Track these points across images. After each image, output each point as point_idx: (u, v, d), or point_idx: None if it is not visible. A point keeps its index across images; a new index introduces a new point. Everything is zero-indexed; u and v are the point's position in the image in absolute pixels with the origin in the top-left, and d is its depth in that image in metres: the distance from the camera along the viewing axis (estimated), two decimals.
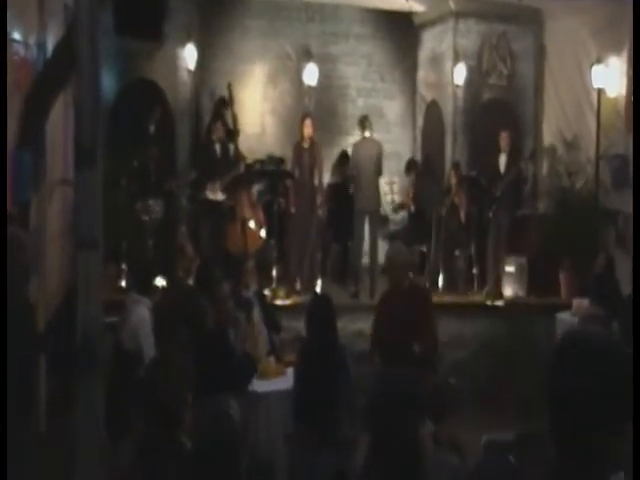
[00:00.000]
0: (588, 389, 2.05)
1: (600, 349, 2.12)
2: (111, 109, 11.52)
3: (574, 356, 2.12)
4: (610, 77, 12.32)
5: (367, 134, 12.62)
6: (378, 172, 12.41)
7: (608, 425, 2.04)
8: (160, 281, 8.24)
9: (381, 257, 12.46)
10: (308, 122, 11.93)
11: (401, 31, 15.70)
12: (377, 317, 8.05)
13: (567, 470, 2.10)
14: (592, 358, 2.10)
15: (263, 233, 11.87)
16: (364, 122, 12.68)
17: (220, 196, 11.90)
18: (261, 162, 13.40)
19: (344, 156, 13.61)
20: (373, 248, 12.34)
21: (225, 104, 12.56)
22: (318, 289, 11.63)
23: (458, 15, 14.19)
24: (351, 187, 12.67)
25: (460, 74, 14.01)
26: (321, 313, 6.55)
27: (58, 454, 4.85)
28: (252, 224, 11.62)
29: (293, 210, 12.09)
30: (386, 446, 3.34)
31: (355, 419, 5.66)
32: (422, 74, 15.64)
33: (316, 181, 12.04)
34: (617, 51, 12.14)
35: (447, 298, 12.15)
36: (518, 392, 8.88)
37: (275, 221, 11.94)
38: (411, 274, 8.36)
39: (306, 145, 11.95)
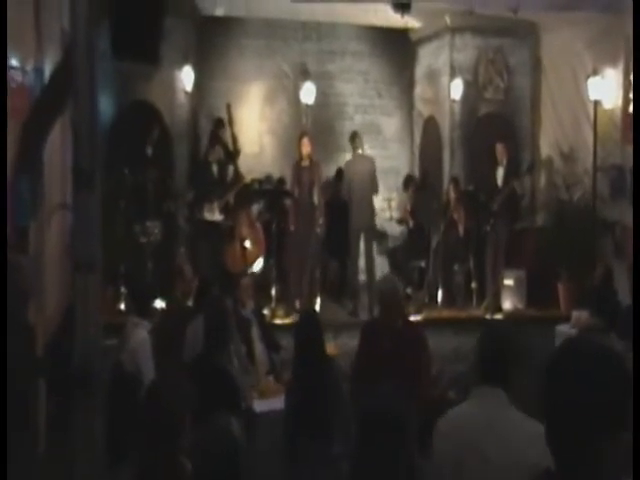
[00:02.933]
0: (587, 397, 2.07)
1: (599, 357, 2.14)
2: (109, 132, 11.57)
3: (573, 364, 2.13)
4: (606, 89, 12.35)
5: (359, 151, 12.65)
6: (373, 189, 12.43)
7: (608, 433, 2.06)
8: (159, 303, 8.29)
9: (379, 273, 12.53)
10: (306, 141, 11.96)
11: (397, 47, 15.80)
12: (360, 356, 7.03)
13: (567, 478, 2.12)
14: (591, 366, 2.11)
15: (260, 261, 11.84)
16: (354, 139, 12.70)
17: (218, 216, 11.94)
18: (259, 182, 13.44)
19: (339, 173, 13.65)
20: (370, 265, 12.37)
21: (222, 125, 12.59)
22: (317, 307, 11.64)
23: (454, 30, 14.27)
24: (346, 204, 12.70)
25: (457, 89, 14.08)
26: (307, 331, 6.50)
27: (58, 477, 4.88)
28: (250, 244, 11.63)
29: (292, 229, 12.11)
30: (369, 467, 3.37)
31: (349, 434, 5.64)
32: (419, 90, 15.71)
33: (315, 199, 12.05)
34: (613, 63, 12.18)
35: (446, 313, 12.23)
36: (519, 405, 8.88)
37: (274, 240, 11.97)
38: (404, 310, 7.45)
39: (305, 164, 11.97)
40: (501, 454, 3.80)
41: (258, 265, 11.82)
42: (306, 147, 11.94)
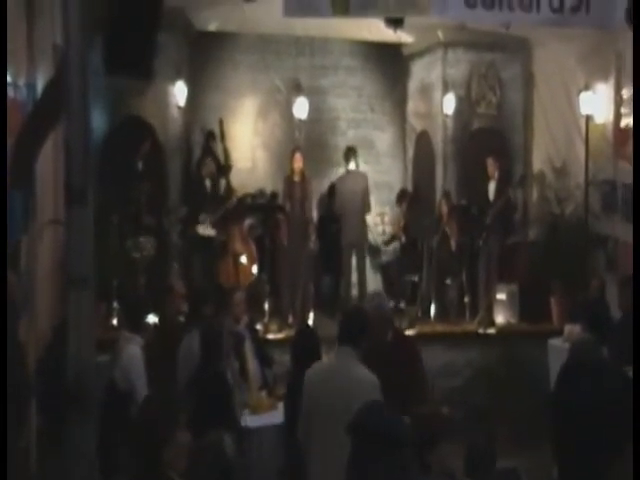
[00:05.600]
0: (589, 412, 2.08)
1: (600, 374, 2.16)
2: (101, 147, 11.55)
3: (576, 382, 2.15)
4: (597, 104, 12.37)
5: (352, 167, 12.68)
6: (365, 206, 12.49)
7: (608, 446, 2.07)
8: (152, 318, 8.26)
9: (371, 288, 12.51)
10: (298, 156, 12.00)
11: (390, 62, 15.79)
12: None
13: None
14: (593, 383, 2.13)
15: (255, 269, 11.86)
16: (349, 155, 12.75)
17: (211, 231, 11.93)
18: (252, 196, 13.44)
19: (332, 189, 13.66)
20: (361, 281, 12.42)
21: (214, 139, 12.59)
22: (310, 322, 11.63)
23: (447, 45, 14.27)
24: (338, 220, 12.71)
25: (449, 104, 14.07)
26: (305, 346, 6.53)
27: None
28: (244, 259, 11.64)
29: (285, 243, 12.12)
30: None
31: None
32: (412, 104, 15.71)
33: (307, 214, 12.10)
34: (604, 78, 12.20)
35: (439, 327, 12.19)
36: (512, 419, 8.88)
37: (267, 255, 11.97)
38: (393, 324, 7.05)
39: (297, 179, 12.00)
40: (342, 401, 4.77)
41: (254, 271, 11.83)
42: (298, 162, 11.98)
